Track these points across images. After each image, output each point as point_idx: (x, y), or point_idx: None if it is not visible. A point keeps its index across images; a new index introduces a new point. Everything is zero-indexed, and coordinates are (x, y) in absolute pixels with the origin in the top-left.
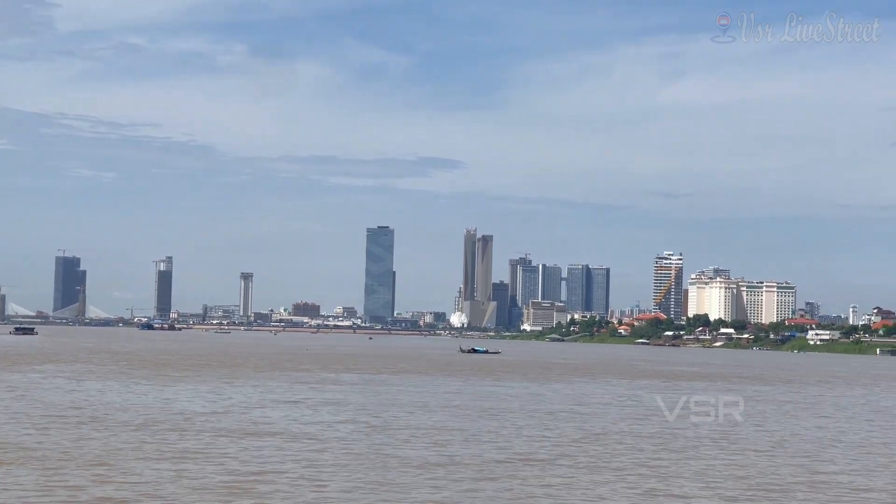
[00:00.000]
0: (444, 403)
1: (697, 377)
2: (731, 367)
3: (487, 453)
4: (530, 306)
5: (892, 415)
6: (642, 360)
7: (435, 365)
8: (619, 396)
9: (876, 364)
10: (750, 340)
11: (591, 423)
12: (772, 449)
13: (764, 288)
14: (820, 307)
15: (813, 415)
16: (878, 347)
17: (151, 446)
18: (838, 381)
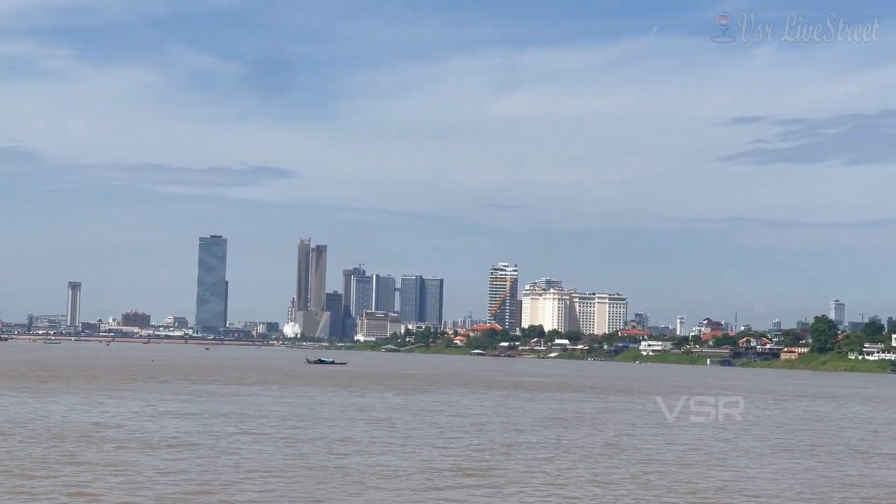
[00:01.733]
0: (351, 416)
1: (563, 388)
2: (588, 378)
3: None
4: (364, 317)
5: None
6: (490, 371)
7: (290, 375)
8: (505, 406)
9: (716, 373)
10: (584, 351)
11: (550, 432)
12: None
13: (596, 299)
14: (649, 318)
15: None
16: (709, 358)
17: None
18: (698, 391)
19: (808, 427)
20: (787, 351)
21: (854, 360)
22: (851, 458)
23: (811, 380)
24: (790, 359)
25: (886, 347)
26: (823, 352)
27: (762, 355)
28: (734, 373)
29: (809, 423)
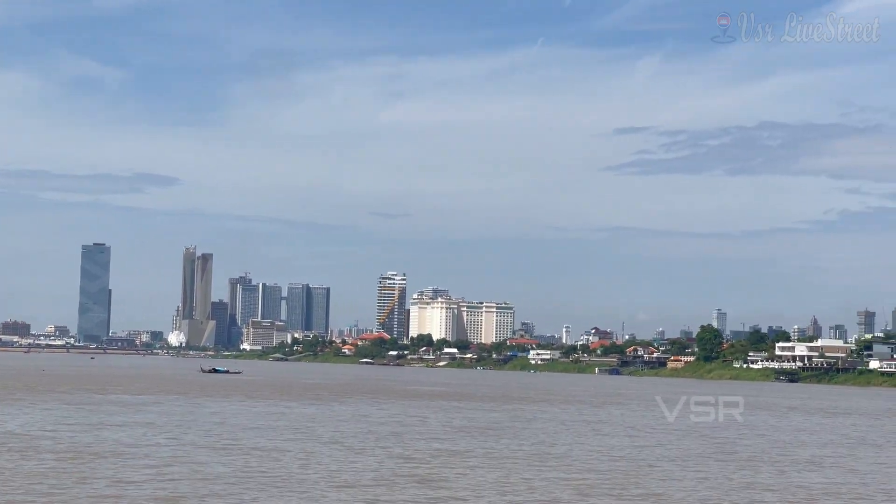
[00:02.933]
0: (294, 425)
1: (466, 397)
2: (486, 387)
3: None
4: (250, 325)
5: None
6: (386, 380)
7: (195, 385)
8: (418, 415)
9: (607, 382)
10: (473, 360)
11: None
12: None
13: (483, 308)
14: (535, 327)
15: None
16: (597, 367)
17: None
18: (605, 400)
19: (722, 435)
20: (673, 359)
21: (739, 369)
22: (768, 465)
23: (708, 388)
24: (677, 367)
25: (770, 356)
26: (709, 360)
27: (649, 364)
28: (624, 381)
29: (720, 430)
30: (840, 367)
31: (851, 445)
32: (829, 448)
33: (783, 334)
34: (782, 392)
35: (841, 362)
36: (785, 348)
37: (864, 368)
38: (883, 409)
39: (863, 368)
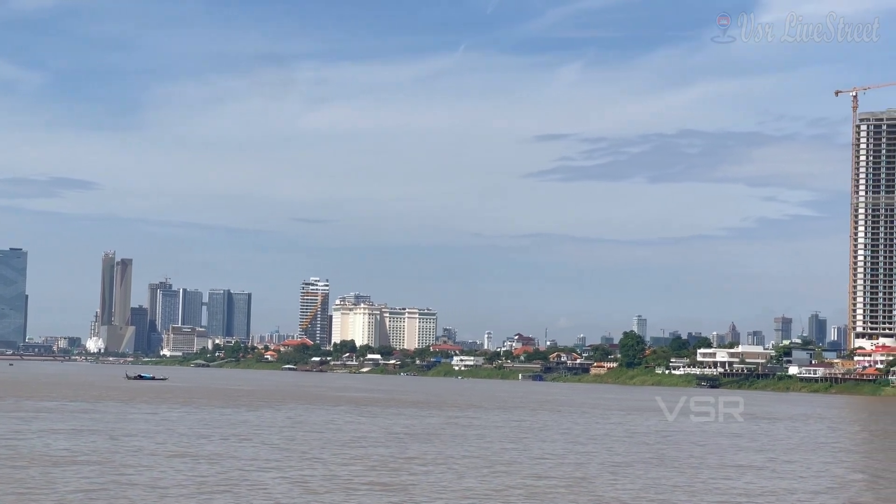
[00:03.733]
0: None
1: (399, 403)
2: (415, 393)
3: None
4: (171, 331)
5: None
6: (314, 387)
7: (123, 392)
8: (355, 421)
9: (532, 388)
10: (396, 366)
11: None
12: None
13: (406, 314)
14: (457, 333)
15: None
16: (521, 373)
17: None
18: (538, 407)
19: (657, 441)
20: (596, 366)
21: (661, 375)
22: (706, 469)
23: (632, 394)
24: (599, 373)
25: (692, 362)
26: (632, 366)
27: (572, 370)
28: (549, 387)
29: (653, 436)
30: (760, 372)
31: (786, 450)
32: (764, 453)
33: (704, 341)
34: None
35: (761, 368)
36: (706, 354)
37: (784, 374)
38: (807, 414)
39: (782, 374)
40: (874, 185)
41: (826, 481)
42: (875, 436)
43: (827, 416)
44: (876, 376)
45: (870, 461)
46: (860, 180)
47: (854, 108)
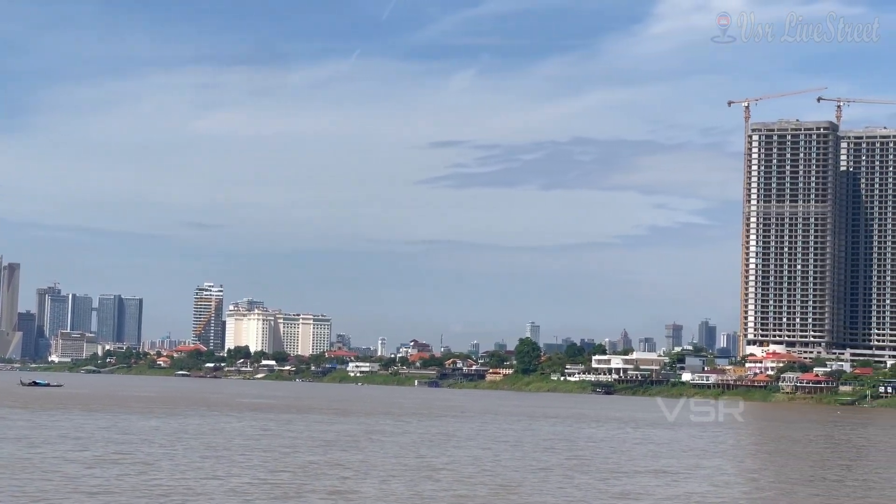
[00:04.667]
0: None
1: (307, 409)
2: (319, 399)
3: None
4: (59, 337)
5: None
6: (212, 393)
7: (24, 399)
8: (269, 429)
9: (429, 394)
10: (291, 372)
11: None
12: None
13: (300, 320)
14: (351, 339)
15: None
16: (417, 379)
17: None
18: (445, 414)
19: (569, 447)
20: (492, 372)
21: (557, 381)
22: (626, 475)
23: (531, 400)
24: (495, 380)
25: (587, 369)
26: (527, 373)
27: (468, 376)
28: (448, 393)
29: (563, 442)
30: (654, 379)
31: (695, 455)
32: (676, 458)
33: (599, 347)
34: (600, 403)
35: (655, 375)
36: (601, 361)
37: (677, 381)
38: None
39: (676, 381)
40: (766, 194)
41: (739, 485)
42: (771, 439)
43: (724, 422)
44: (767, 382)
45: (769, 464)
46: (752, 189)
47: (746, 118)
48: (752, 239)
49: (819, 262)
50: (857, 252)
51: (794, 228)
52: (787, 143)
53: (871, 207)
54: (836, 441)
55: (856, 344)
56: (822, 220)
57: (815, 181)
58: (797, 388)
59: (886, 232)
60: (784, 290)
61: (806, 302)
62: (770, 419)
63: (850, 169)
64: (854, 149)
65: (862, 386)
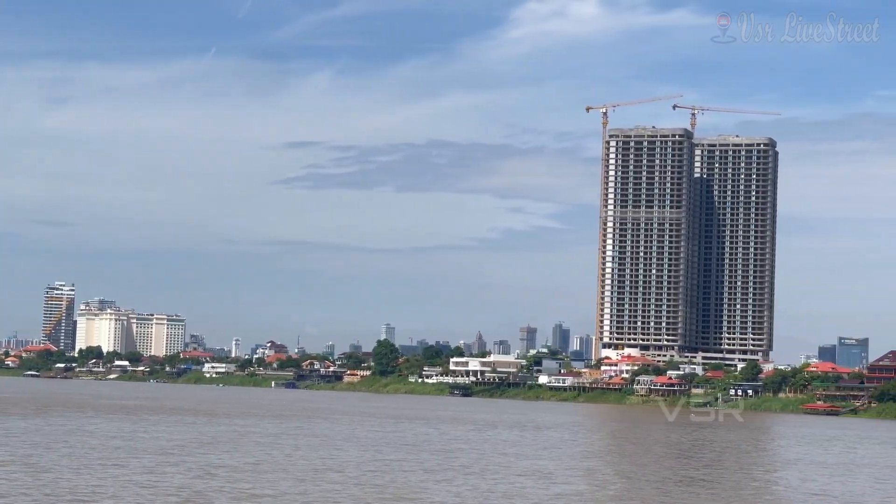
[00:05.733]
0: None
1: (174, 411)
2: (180, 400)
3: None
4: None
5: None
6: (75, 394)
7: None
8: (137, 430)
9: (287, 395)
10: (146, 373)
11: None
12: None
13: (154, 320)
14: (205, 339)
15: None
16: (274, 380)
17: None
18: (306, 415)
19: (443, 448)
20: (349, 373)
21: (414, 383)
22: (491, 475)
23: (394, 402)
24: (353, 381)
25: (444, 371)
26: (385, 374)
27: (326, 378)
28: (305, 395)
29: (437, 443)
30: (511, 381)
31: (561, 457)
32: (544, 459)
33: (457, 350)
34: (461, 405)
35: (512, 377)
36: (459, 363)
37: (534, 383)
38: (570, 421)
39: (532, 383)
40: (622, 199)
41: (595, 483)
42: (627, 441)
43: (585, 424)
44: (622, 385)
45: (625, 464)
46: (609, 195)
47: (604, 124)
48: (608, 243)
49: (673, 267)
50: (709, 257)
51: (649, 234)
52: (643, 149)
53: (723, 214)
54: (696, 442)
55: (707, 347)
56: (677, 226)
57: (671, 187)
58: (651, 390)
59: (738, 238)
60: (639, 294)
61: (660, 306)
62: (623, 421)
63: (703, 176)
64: (708, 156)
65: (714, 389)
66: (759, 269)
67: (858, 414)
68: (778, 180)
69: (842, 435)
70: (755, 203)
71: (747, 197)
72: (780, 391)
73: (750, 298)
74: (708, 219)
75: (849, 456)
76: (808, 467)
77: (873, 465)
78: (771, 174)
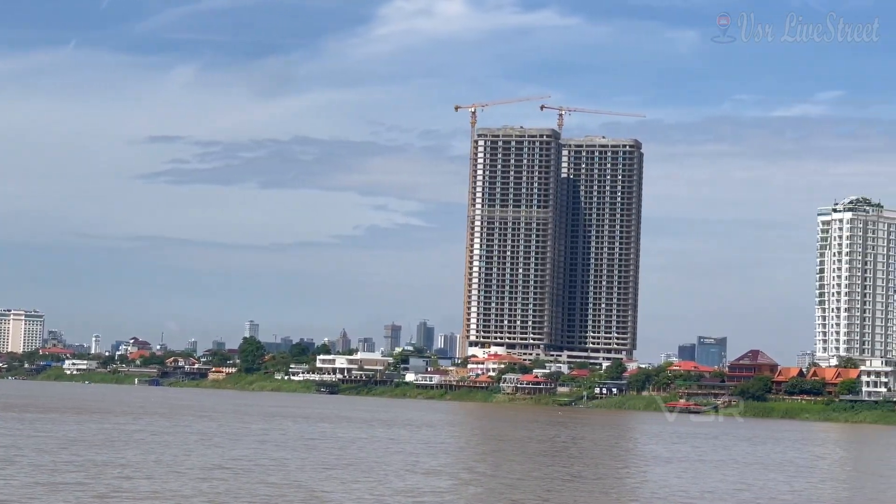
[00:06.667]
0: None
1: (49, 409)
2: (51, 398)
3: None
4: None
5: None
6: None
7: None
8: (28, 429)
9: (152, 393)
10: (3, 370)
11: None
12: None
13: (11, 316)
14: (64, 336)
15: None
16: (137, 377)
17: None
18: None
19: (336, 446)
20: (214, 371)
21: (281, 381)
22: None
23: (261, 400)
24: (218, 378)
25: (311, 368)
26: (251, 372)
27: (190, 375)
28: (172, 393)
29: (329, 441)
30: (378, 379)
31: (434, 454)
32: (414, 456)
33: (323, 347)
34: (331, 403)
35: (379, 375)
36: (326, 361)
37: (401, 381)
38: (442, 419)
39: (399, 381)
40: (490, 198)
41: (479, 482)
42: (492, 439)
43: (463, 422)
44: (488, 384)
45: (491, 461)
46: (477, 194)
47: (473, 123)
48: (476, 242)
49: (539, 266)
50: (575, 257)
51: (516, 233)
52: (511, 149)
53: (589, 214)
54: (570, 439)
55: (573, 346)
56: (544, 226)
57: (538, 187)
58: (517, 389)
59: (603, 238)
60: (505, 292)
61: (526, 305)
62: (496, 419)
63: (570, 176)
64: (575, 156)
65: (579, 387)
66: (624, 269)
67: (720, 412)
68: (643, 181)
69: (699, 433)
70: (620, 204)
71: (613, 197)
72: (643, 389)
73: (615, 298)
74: (574, 219)
75: (700, 452)
76: (681, 464)
77: (733, 462)
78: (636, 175)
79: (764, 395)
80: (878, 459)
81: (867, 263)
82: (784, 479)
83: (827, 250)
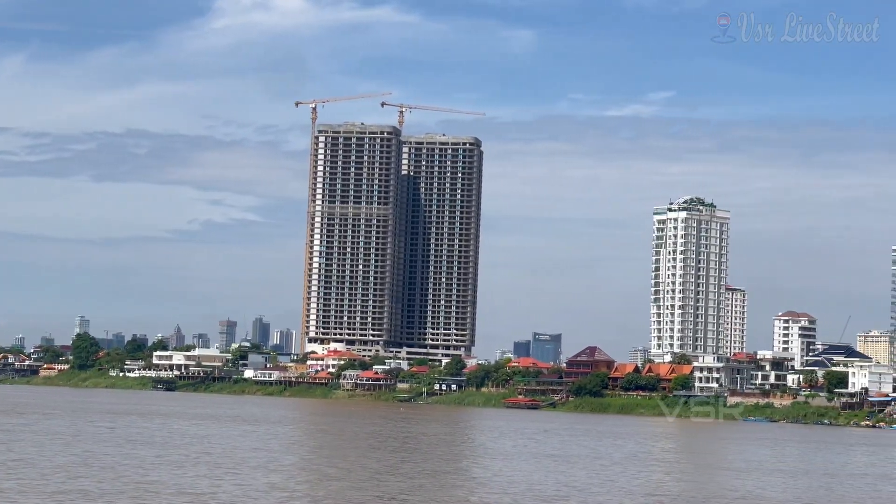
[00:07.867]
0: None
1: None
2: None
3: None
4: None
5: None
6: None
7: None
8: None
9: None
10: None
11: None
12: None
13: None
14: None
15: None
16: None
17: None
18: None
19: (181, 442)
20: (46, 367)
21: (116, 377)
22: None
23: (97, 397)
24: (50, 375)
25: (147, 365)
26: (85, 368)
27: (21, 372)
28: (1, 389)
29: (190, 438)
30: (217, 375)
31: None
32: (268, 452)
33: (160, 343)
34: (169, 400)
35: (217, 371)
36: (163, 357)
37: (240, 377)
38: (285, 416)
39: (238, 377)
40: (330, 195)
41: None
42: (345, 435)
43: (302, 418)
44: (328, 380)
45: (352, 457)
46: (317, 190)
47: (313, 119)
48: (316, 238)
49: (379, 262)
50: (415, 254)
51: (356, 229)
52: (351, 145)
53: (429, 211)
54: (420, 435)
55: (412, 342)
56: (384, 223)
57: (378, 184)
58: (357, 385)
59: (443, 235)
60: (345, 289)
61: (366, 301)
62: (340, 416)
63: (410, 173)
64: (415, 154)
65: (419, 384)
66: (464, 266)
67: (557, 408)
68: (482, 179)
69: (536, 428)
70: (460, 201)
71: (452, 195)
72: (483, 385)
73: (454, 295)
74: (414, 216)
75: (536, 446)
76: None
77: (574, 456)
78: (476, 173)
79: (601, 391)
80: (709, 452)
81: (700, 262)
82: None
83: (662, 249)
